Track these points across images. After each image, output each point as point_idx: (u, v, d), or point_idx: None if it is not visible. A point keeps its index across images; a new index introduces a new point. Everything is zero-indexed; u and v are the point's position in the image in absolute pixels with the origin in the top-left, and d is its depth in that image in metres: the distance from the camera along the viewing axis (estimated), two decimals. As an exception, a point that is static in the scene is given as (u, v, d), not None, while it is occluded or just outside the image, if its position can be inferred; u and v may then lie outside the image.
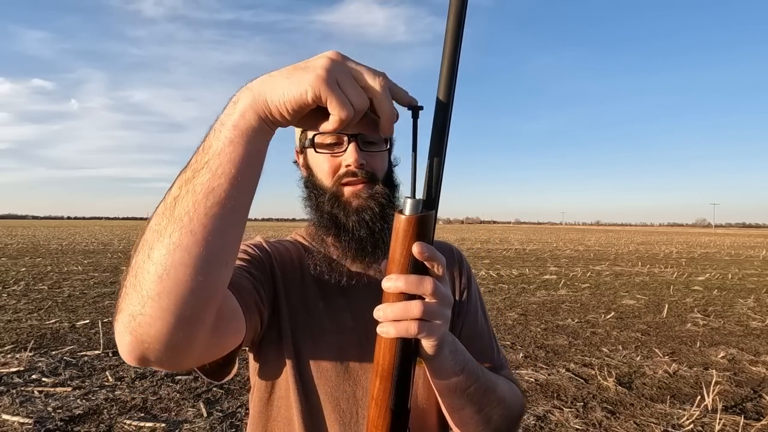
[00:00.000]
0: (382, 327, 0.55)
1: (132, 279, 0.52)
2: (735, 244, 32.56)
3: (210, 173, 0.50)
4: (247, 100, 0.50)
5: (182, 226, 0.49)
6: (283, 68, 0.50)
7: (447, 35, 0.52)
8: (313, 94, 0.47)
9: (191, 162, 0.52)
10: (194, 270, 0.50)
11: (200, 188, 0.50)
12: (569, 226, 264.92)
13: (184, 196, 0.50)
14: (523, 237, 40.72)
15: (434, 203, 0.55)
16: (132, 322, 0.51)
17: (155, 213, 0.52)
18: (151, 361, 0.54)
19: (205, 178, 0.50)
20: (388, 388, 0.57)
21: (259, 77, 0.51)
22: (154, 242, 0.50)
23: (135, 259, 0.52)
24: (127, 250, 17.90)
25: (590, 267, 14.12)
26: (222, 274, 0.53)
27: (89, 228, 55.02)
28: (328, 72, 0.47)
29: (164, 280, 0.49)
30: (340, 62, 0.49)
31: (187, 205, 0.50)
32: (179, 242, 0.49)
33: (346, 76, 0.48)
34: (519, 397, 0.83)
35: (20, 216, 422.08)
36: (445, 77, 0.53)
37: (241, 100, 0.51)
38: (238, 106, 0.51)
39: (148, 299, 0.50)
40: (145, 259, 0.51)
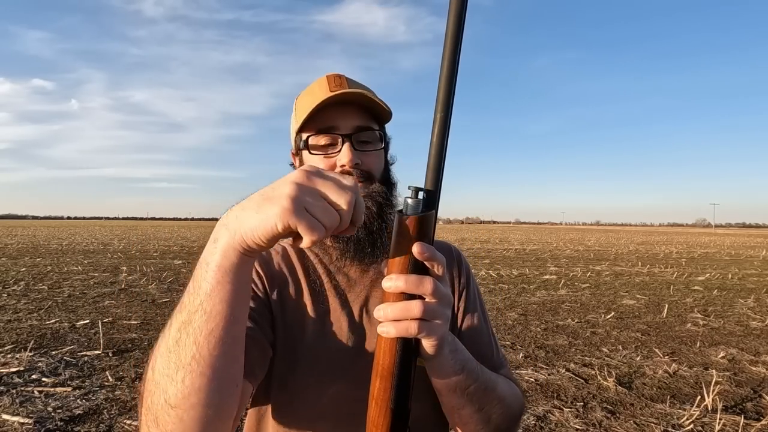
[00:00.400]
0: (383, 327, 0.55)
1: (152, 418, 0.56)
2: (735, 244, 32.56)
3: (206, 315, 0.53)
4: (225, 238, 0.51)
5: (191, 371, 0.53)
6: (254, 195, 0.51)
7: (447, 38, 0.52)
8: (282, 226, 0.47)
9: (185, 303, 0.54)
10: (211, 403, 0.55)
11: (199, 331, 0.53)
12: (569, 226, 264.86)
13: (186, 339, 0.53)
14: (523, 237, 40.72)
15: (434, 203, 0.55)
16: None
17: (159, 353, 0.55)
18: None
19: (202, 320, 0.53)
20: (388, 388, 0.57)
21: (234, 210, 0.52)
22: (168, 387, 0.54)
23: (150, 400, 0.55)
24: (127, 250, 17.90)
25: (590, 267, 14.12)
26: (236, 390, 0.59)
27: (89, 228, 55.01)
28: (294, 201, 0.47)
29: (185, 420, 0.54)
30: (306, 186, 0.49)
31: (191, 349, 0.53)
32: (192, 386, 0.53)
33: (314, 198, 0.48)
34: (519, 396, 0.83)
35: (20, 216, 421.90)
36: (445, 80, 0.53)
37: (220, 239, 0.52)
38: (218, 245, 0.52)
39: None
40: (162, 403, 0.54)
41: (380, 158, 0.86)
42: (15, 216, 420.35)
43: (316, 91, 0.83)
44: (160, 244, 22.81)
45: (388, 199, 0.83)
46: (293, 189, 0.48)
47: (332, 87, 0.82)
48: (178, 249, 19.21)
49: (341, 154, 0.80)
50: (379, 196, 0.81)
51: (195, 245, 21.72)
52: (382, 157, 0.87)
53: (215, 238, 0.53)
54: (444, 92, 0.53)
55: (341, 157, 0.80)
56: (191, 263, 13.21)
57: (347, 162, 0.80)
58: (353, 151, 0.80)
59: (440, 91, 0.53)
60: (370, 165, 0.83)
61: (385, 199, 0.82)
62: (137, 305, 7.14)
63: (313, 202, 0.48)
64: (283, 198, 0.47)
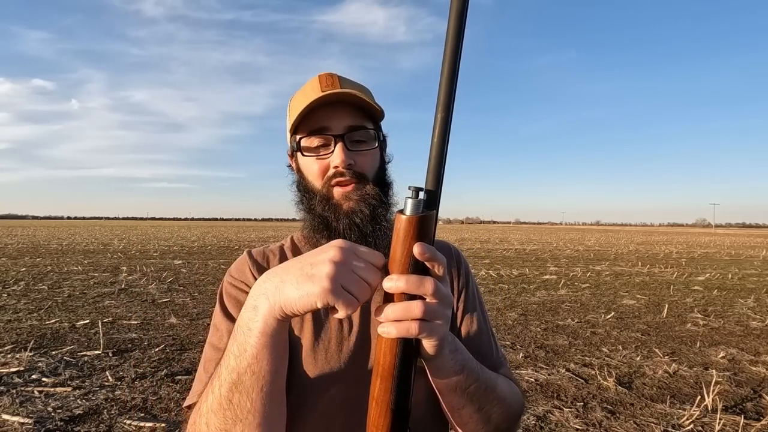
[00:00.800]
0: (383, 327, 0.55)
1: None
2: (735, 244, 32.55)
3: (254, 375, 0.59)
4: (266, 307, 0.57)
5: (249, 423, 0.59)
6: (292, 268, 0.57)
7: (448, 38, 0.52)
8: (322, 304, 0.53)
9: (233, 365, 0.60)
10: None
11: (251, 389, 0.59)
12: (569, 226, 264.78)
13: (240, 398, 0.59)
14: (523, 237, 40.71)
15: (435, 203, 0.55)
16: None
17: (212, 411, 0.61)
18: None
19: (253, 380, 0.59)
20: (388, 388, 0.57)
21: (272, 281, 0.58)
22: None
23: None
24: (127, 250, 17.90)
25: (590, 267, 14.12)
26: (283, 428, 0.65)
27: (89, 228, 55.00)
28: (333, 281, 0.52)
29: None
30: (344, 265, 0.54)
31: (247, 405, 0.59)
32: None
33: (350, 277, 0.54)
34: (519, 395, 0.83)
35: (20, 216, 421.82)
36: (446, 81, 0.53)
37: (260, 307, 0.58)
38: (259, 314, 0.58)
39: None
40: None
41: (375, 158, 0.85)
42: (15, 216, 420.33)
43: (308, 92, 0.82)
44: (160, 244, 22.81)
45: (382, 201, 0.81)
46: (332, 270, 0.53)
47: (323, 87, 0.81)
48: (178, 249, 19.20)
49: (334, 155, 0.80)
50: (372, 198, 0.80)
51: (195, 245, 21.73)
52: (377, 156, 0.85)
53: (254, 306, 0.58)
54: (445, 93, 0.53)
55: (334, 158, 0.80)
56: (191, 263, 13.23)
57: (340, 163, 0.79)
58: (346, 152, 0.80)
59: (441, 92, 0.53)
60: (364, 165, 0.82)
61: (379, 201, 0.81)
62: (137, 305, 7.14)
63: (349, 280, 0.53)
64: (324, 279, 0.52)
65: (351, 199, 0.80)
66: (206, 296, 8.01)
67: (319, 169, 0.81)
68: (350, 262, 0.54)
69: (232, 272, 0.87)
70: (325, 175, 0.81)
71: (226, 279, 0.87)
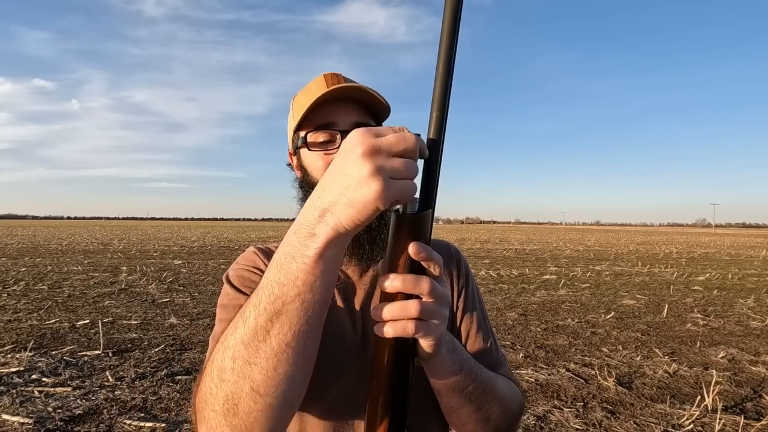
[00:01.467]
0: (379, 327, 0.55)
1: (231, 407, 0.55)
2: (735, 244, 32.55)
3: (305, 304, 0.53)
4: (329, 232, 0.50)
5: (287, 357, 0.54)
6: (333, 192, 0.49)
7: (442, 37, 0.52)
8: (384, 203, 0.47)
9: (276, 294, 0.53)
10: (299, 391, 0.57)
11: (296, 320, 0.53)
12: (569, 226, 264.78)
13: (280, 329, 0.53)
14: (523, 237, 40.71)
15: (431, 202, 0.55)
16: None
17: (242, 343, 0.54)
18: None
19: (301, 309, 0.53)
20: (386, 387, 0.57)
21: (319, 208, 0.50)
22: (255, 375, 0.54)
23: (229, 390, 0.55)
24: (127, 250, 17.90)
25: (590, 267, 14.12)
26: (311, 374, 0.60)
27: (89, 228, 55.02)
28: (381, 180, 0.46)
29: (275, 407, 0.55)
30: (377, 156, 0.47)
31: (286, 337, 0.53)
32: (286, 374, 0.54)
33: (390, 163, 0.47)
34: (518, 395, 0.83)
35: (20, 216, 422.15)
36: (441, 79, 0.53)
37: (320, 233, 0.50)
38: (319, 239, 0.50)
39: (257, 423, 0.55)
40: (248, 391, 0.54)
41: None
42: (15, 216, 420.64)
43: (313, 89, 0.83)
44: (160, 244, 22.81)
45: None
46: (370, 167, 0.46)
47: (329, 84, 0.82)
48: (178, 249, 19.21)
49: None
50: None
51: (195, 245, 21.73)
52: None
53: (312, 233, 0.51)
54: (440, 92, 0.53)
55: None
56: (191, 263, 13.23)
57: None
58: None
59: (436, 90, 0.53)
60: None
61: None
62: (137, 305, 7.14)
63: (395, 168, 0.47)
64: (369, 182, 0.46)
65: None
66: (206, 296, 8.01)
67: (324, 165, 0.81)
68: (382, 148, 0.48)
69: (240, 261, 0.87)
70: None
71: (234, 267, 0.86)
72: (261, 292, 0.54)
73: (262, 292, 0.54)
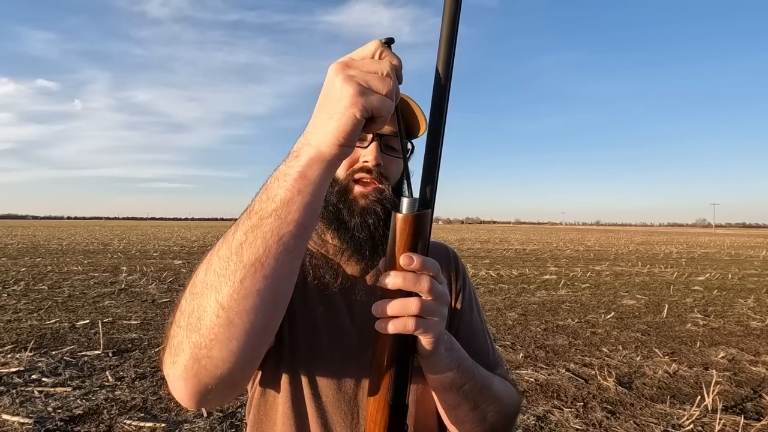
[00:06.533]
0: (380, 323, 0.56)
1: (194, 321, 0.53)
2: (735, 244, 32.56)
3: (279, 220, 0.52)
4: (310, 151, 0.52)
5: (254, 272, 0.51)
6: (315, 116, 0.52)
7: (441, 39, 0.53)
8: (361, 113, 0.49)
9: (255, 209, 0.53)
10: (264, 314, 0.53)
11: (270, 234, 0.52)
12: (569, 226, 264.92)
13: (253, 242, 0.52)
14: (523, 237, 40.73)
15: (430, 202, 0.56)
16: (195, 365, 0.53)
17: (217, 256, 0.53)
18: (211, 401, 0.57)
19: (275, 224, 0.52)
20: (386, 384, 0.57)
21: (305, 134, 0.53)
22: (222, 287, 0.52)
23: (197, 303, 0.53)
24: (127, 250, 17.91)
25: (590, 267, 14.13)
26: (282, 313, 0.57)
27: (89, 228, 55.04)
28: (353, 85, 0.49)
29: (235, 324, 0.51)
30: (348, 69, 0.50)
31: (257, 251, 0.51)
32: (251, 288, 0.51)
33: (364, 76, 0.50)
34: (515, 395, 0.83)
35: (20, 216, 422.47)
36: (440, 81, 0.53)
37: (303, 153, 0.52)
38: (302, 158, 0.52)
39: (216, 343, 0.52)
40: (213, 305, 0.52)
41: (400, 168, 0.85)
42: (15, 216, 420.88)
43: None
44: (160, 244, 22.83)
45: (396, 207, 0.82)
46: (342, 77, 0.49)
47: None
48: (178, 249, 19.22)
49: (368, 150, 0.79)
50: (388, 203, 0.80)
51: (195, 245, 21.74)
52: (401, 168, 0.85)
53: (296, 155, 0.53)
54: (439, 92, 0.54)
55: (366, 153, 0.79)
56: (191, 263, 13.23)
57: (372, 160, 0.78)
58: (379, 152, 0.79)
59: (435, 92, 0.54)
60: (390, 171, 0.82)
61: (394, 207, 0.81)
62: (137, 305, 7.15)
63: (368, 80, 0.49)
64: (343, 90, 0.49)
65: (368, 198, 0.79)
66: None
67: (348, 160, 0.80)
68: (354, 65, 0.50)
69: None
70: (351, 167, 0.80)
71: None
72: (244, 211, 0.55)
73: (245, 211, 0.55)
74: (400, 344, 0.57)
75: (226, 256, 0.53)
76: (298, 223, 0.52)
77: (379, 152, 0.79)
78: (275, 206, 0.52)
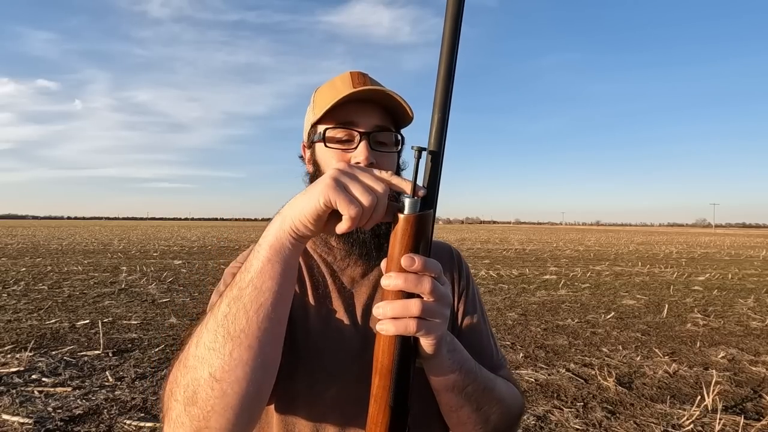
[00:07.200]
0: (382, 324, 0.55)
1: (190, 394, 0.56)
2: (735, 244, 32.55)
3: (256, 290, 0.57)
4: (278, 223, 0.58)
5: (240, 343, 0.56)
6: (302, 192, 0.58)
7: (444, 40, 0.53)
8: (324, 200, 0.53)
9: (237, 280, 0.59)
10: (255, 380, 0.57)
11: (250, 305, 0.56)
12: (569, 226, 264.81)
13: (236, 313, 0.56)
14: (523, 237, 40.71)
15: (432, 202, 0.56)
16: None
17: (206, 329, 0.58)
18: None
19: (253, 294, 0.57)
20: (387, 386, 0.57)
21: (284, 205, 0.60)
22: (214, 360, 0.56)
23: (191, 376, 0.57)
24: (127, 250, 17.90)
25: (590, 267, 14.12)
26: (274, 371, 0.61)
27: (89, 228, 55.01)
28: (334, 179, 0.54)
29: (229, 395, 0.55)
30: (345, 170, 0.55)
31: (241, 322, 0.56)
32: (240, 358, 0.55)
33: (352, 179, 0.55)
34: (518, 396, 0.83)
35: (20, 216, 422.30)
36: (443, 82, 0.53)
37: (273, 224, 0.59)
38: (272, 229, 0.58)
39: (213, 414, 0.56)
40: (206, 377, 0.56)
41: (393, 162, 0.85)
42: (15, 216, 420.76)
43: (339, 86, 0.82)
44: (160, 244, 22.81)
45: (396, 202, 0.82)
46: (335, 172, 0.55)
47: (356, 84, 0.81)
48: (178, 249, 19.21)
49: (357, 151, 0.79)
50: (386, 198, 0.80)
51: (195, 245, 21.73)
52: (395, 160, 0.85)
53: (269, 226, 0.59)
54: (441, 93, 0.54)
55: (357, 154, 0.79)
56: (191, 263, 13.23)
57: (363, 160, 0.78)
58: (369, 150, 0.79)
59: (438, 93, 0.54)
60: (383, 166, 0.81)
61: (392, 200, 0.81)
62: (137, 305, 7.14)
63: (351, 183, 0.54)
64: (327, 178, 0.54)
65: None
66: (206, 296, 8.01)
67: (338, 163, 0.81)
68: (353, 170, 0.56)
69: (239, 258, 0.87)
70: None
71: (231, 264, 0.87)
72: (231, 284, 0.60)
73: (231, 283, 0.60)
74: (402, 346, 0.57)
75: (214, 329, 0.56)
76: (274, 291, 0.57)
77: (369, 150, 0.79)
78: (251, 276, 0.57)
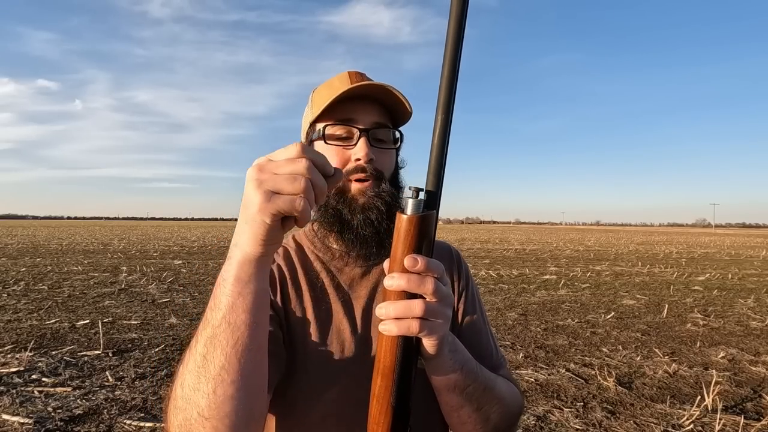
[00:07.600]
0: (384, 325, 0.55)
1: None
2: (735, 244, 32.55)
3: (230, 326, 0.55)
4: (238, 254, 0.55)
5: (222, 381, 0.55)
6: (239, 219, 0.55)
7: (448, 40, 0.53)
8: (270, 218, 0.51)
9: (208, 319, 0.57)
10: (244, 408, 0.57)
11: (226, 343, 0.55)
12: (569, 226, 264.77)
13: (213, 352, 0.56)
14: (523, 237, 40.70)
15: (435, 203, 0.56)
16: None
17: (188, 370, 0.57)
18: None
19: (228, 332, 0.55)
20: (389, 386, 0.57)
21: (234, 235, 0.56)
22: (200, 400, 0.56)
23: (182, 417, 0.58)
24: (127, 250, 17.89)
25: (590, 267, 14.12)
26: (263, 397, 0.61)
27: (89, 228, 54.98)
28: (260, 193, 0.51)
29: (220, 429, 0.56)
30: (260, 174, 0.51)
31: (220, 361, 0.55)
32: (225, 394, 0.56)
33: (274, 180, 0.51)
34: (518, 396, 0.83)
35: (20, 216, 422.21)
36: (446, 83, 0.53)
37: (233, 256, 0.56)
38: (233, 261, 0.56)
39: None
40: (196, 417, 0.56)
41: (392, 159, 0.85)
42: (15, 216, 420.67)
43: (337, 84, 0.83)
44: (160, 244, 22.81)
45: (396, 200, 0.81)
46: (253, 184, 0.51)
47: (354, 82, 0.81)
48: (178, 249, 19.20)
49: (357, 147, 0.79)
50: (388, 196, 0.80)
51: (195, 245, 21.72)
52: (393, 157, 0.86)
53: (229, 257, 0.56)
54: (445, 94, 0.54)
55: (357, 151, 0.79)
56: (191, 263, 13.23)
57: (363, 156, 0.78)
58: (369, 146, 0.79)
59: (441, 94, 0.54)
60: (383, 164, 0.82)
61: (394, 200, 0.81)
62: (137, 305, 7.14)
63: (277, 184, 0.51)
64: (253, 197, 0.51)
65: (367, 194, 0.79)
66: (206, 296, 8.00)
67: (339, 161, 0.81)
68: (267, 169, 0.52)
69: None
70: (344, 167, 0.81)
71: None
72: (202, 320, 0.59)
73: (202, 320, 0.59)
74: (404, 346, 0.57)
75: (195, 370, 0.56)
76: (249, 324, 0.56)
77: (369, 147, 0.79)
78: (223, 313, 0.56)
